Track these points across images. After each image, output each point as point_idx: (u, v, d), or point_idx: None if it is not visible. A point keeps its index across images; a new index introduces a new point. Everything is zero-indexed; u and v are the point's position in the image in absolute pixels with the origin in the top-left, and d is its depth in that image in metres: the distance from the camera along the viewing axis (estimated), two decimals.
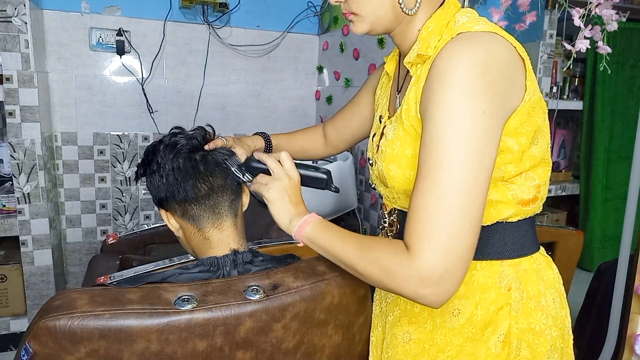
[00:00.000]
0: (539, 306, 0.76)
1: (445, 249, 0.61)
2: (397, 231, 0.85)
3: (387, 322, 0.88)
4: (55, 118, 2.22)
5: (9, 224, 1.95)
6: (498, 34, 0.68)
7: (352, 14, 0.76)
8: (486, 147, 0.64)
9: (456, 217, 0.62)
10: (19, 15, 1.82)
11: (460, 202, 0.62)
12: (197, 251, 0.88)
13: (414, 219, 0.64)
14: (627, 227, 1.23)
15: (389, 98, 0.89)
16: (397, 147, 0.76)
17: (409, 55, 0.77)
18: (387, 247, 0.67)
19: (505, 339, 0.74)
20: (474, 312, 0.76)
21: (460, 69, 0.64)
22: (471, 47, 0.66)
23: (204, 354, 0.69)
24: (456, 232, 0.62)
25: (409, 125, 0.74)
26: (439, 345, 0.79)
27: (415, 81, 0.75)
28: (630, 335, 1.16)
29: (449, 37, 0.69)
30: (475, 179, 0.63)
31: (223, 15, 2.38)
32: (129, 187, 2.42)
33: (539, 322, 0.75)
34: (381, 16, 0.75)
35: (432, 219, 0.62)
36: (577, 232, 2.01)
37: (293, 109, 2.68)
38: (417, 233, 0.63)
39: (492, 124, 0.64)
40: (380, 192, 0.90)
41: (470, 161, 0.62)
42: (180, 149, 0.85)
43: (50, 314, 0.64)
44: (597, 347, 1.40)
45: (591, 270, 2.51)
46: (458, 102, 0.63)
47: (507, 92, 0.68)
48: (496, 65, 0.66)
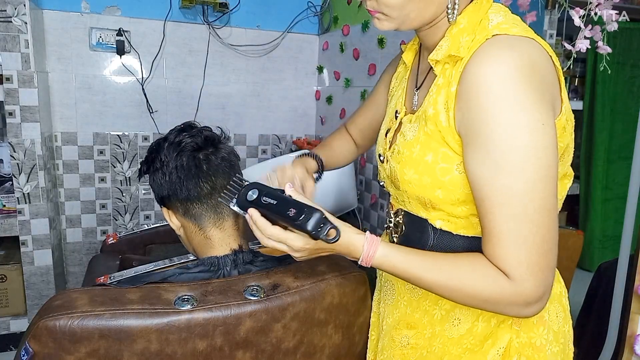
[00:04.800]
0: (542, 321, 0.74)
1: (542, 269, 0.62)
2: (402, 233, 0.82)
3: (385, 324, 0.87)
4: (55, 118, 2.22)
5: (9, 224, 1.95)
6: (535, 40, 0.64)
7: (380, 12, 0.70)
8: (551, 160, 0.62)
9: (544, 236, 0.62)
10: (19, 15, 1.82)
11: (544, 220, 0.62)
12: (198, 250, 0.88)
13: (501, 245, 0.63)
14: (627, 227, 1.23)
15: (405, 91, 0.84)
16: (416, 151, 0.72)
17: (435, 52, 0.72)
18: (483, 276, 0.64)
19: (505, 353, 0.73)
20: (475, 324, 0.75)
21: (506, 78, 0.60)
22: (512, 52, 0.62)
23: (204, 354, 0.69)
24: (547, 249, 0.62)
25: (434, 130, 0.70)
26: (437, 354, 0.77)
27: (444, 83, 0.70)
28: (630, 335, 1.15)
29: (483, 37, 0.64)
30: (551, 191, 0.62)
31: (223, 15, 2.38)
32: (129, 187, 2.42)
33: (540, 337, 0.74)
34: (412, 18, 0.70)
35: (525, 245, 0.61)
36: (577, 232, 2.01)
37: (293, 109, 2.68)
38: (514, 260, 0.62)
39: (551, 135, 0.62)
40: (388, 191, 0.86)
41: (541, 179, 0.61)
42: (184, 147, 0.85)
43: (50, 314, 0.64)
44: (597, 347, 1.40)
45: (591, 270, 2.51)
46: (515, 116, 0.60)
47: (554, 102, 0.65)
48: (540, 73, 0.62)
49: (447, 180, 0.69)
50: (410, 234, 0.80)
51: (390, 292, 0.86)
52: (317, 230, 0.63)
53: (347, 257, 0.70)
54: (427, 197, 0.72)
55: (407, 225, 0.80)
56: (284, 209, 0.66)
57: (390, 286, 0.87)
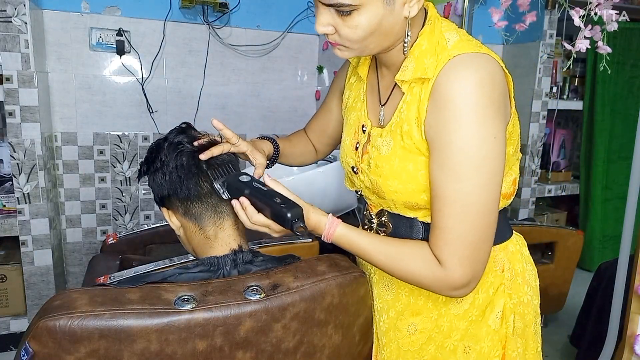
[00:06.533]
0: (525, 281, 0.87)
1: (472, 262, 0.74)
2: (390, 231, 0.88)
3: (387, 318, 0.90)
4: (55, 118, 2.22)
5: (9, 224, 1.95)
6: (490, 55, 0.74)
7: (341, 45, 0.76)
8: (499, 168, 0.73)
9: (479, 234, 0.73)
10: (19, 15, 1.82)
11: (483, 221, 0.73)
12: (198, 250, 0.88)
13: (442, 238, 0.74)
14: (627, 227, 1.23)
15: (366, 105, 0.89)
16: (396, 164, 0.79)
17: (402, 73, 0.78)
18: (420, 261, 0.76)
19: (502, 315, 0.84)
20: (476, 296, 0.84)
21: (469, 96, 0.70)
22: (474, 71, 0.70)
23: (204, 354, 0.69)
24: (480, 246, 0.74)
25: (410, 143, 0.78)
26: (445, 332, 0.85)
27: (412, 100, 0.77)
28: (630, 335, 1.16)
29: (445, 58, 0.73)
30: (493, 197, 0.73)
31: (223, 15, 2.38)
32: (129, 187, 2.42)
33: (525, 294, 0.87)
34: (372, 48, 0.77)
35: (461, 239, 0.73)
36: (577, 232, 2.01)
37: (293, 109, 2.68)
38: (449, 251, 0.74)
39: (502, 145, 0.73)
40: (368, 198, 0.92)
41: (488, 184, 0.72)
42: (184, 147, 0.85)
43: (50, 314, 0.64)
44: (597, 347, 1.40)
45: (591, 270, 2.51)
46: (473, 130, 0.70)
47: (506, 112, 0.75)
48: (497, 87, 0.72)
49: (428, 184, 0.78)
50: (399, 231, 0.87)
51: (389, 288, 0.90)
52: (293, 222, 0.75)
53: (313, 233, 0.82)
54: (413, 201, 0.80)
55: (393, 224, 0.88)
56: (272, 196, 0.77)
57: (388, 282, 0.90)
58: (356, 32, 0.72)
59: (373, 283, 0.94)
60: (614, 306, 1.26)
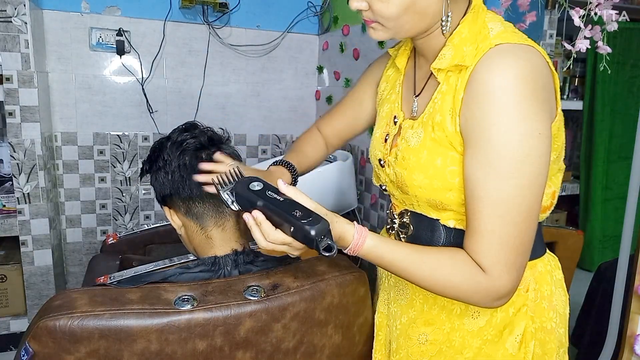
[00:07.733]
0: (551, 306, 0.79)
1: (517, 268, 0.68)
2: (411, 233, 0.84)
3: (399, 324, 0.87)
4: (55, 118, 2.22)
5: (9, 224, 1.95)
6: (535, 47, 0.68)
7: (375, 22, 0.72)
8: (542, 169, 0.66)
9: (523, 239, 0.67)
10: (19, 15, 1.82)
11: (525, 224, 0.67)
12: (199, 250, 0.88)
13: (484, 243, 0.67)
14: (627, 227, 1.23)
15: (401, 96, 0.85)
16: (424, 157, 0.74)
17: (438, 61, 0.74)
18: (462, 271, 0.69)
19: (522, 339, 0.77)
20: (494, 314, 0.78)
21: (510, 87, 0.64)
22: (516, 61, 0.65)
23: (204, 354, 0.69)
24: (523, 251, 0.68)
25: (441, 136, 0.72)
26: (457, 347, 0.80)
27: (448, 90, 0.72)
28: (630, 335, 1.15)
29: (486, 46, 0.68)
30: (535, 199, 0.67)
31: (223, 15, 2.38)
32: (129, 187, 2.42)
33: (550, 321, 0.79)
34: (407, 29, 0.72)
35: (506, 245, 0.67)
36: (577, 232, 2.00)
37: (293, 109, 2.67)
38: (494, 257, 0.67)
39: (547, 144, 0.67)
40: (392, 194, 0.87)
41: (531, 185, 0.66)
42: (187, 146, 0.85)
43: (50, 314, 0.64)
44: (597, 347, 1.40)
45: (591, 270, 2.51)
46: (514, 125, 0.64)
47: (551, 108, 0.69)
48: (541, 81, 0.66)
49: (456, 182, 0.72)
50: (420, 234, 0.82)
51: (403, 292, 0.88)
52: (320, 239, 0.62)
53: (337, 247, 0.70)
54: (438, 200, 0.75)
55: (415, 225, 0.83)
56: (290, 208, 0.64)
57: (403, 286, 0.88)
58: (389, 7, 0.68)
59: (389, 285, 0.91)
60: (614, 306, 1.26)
